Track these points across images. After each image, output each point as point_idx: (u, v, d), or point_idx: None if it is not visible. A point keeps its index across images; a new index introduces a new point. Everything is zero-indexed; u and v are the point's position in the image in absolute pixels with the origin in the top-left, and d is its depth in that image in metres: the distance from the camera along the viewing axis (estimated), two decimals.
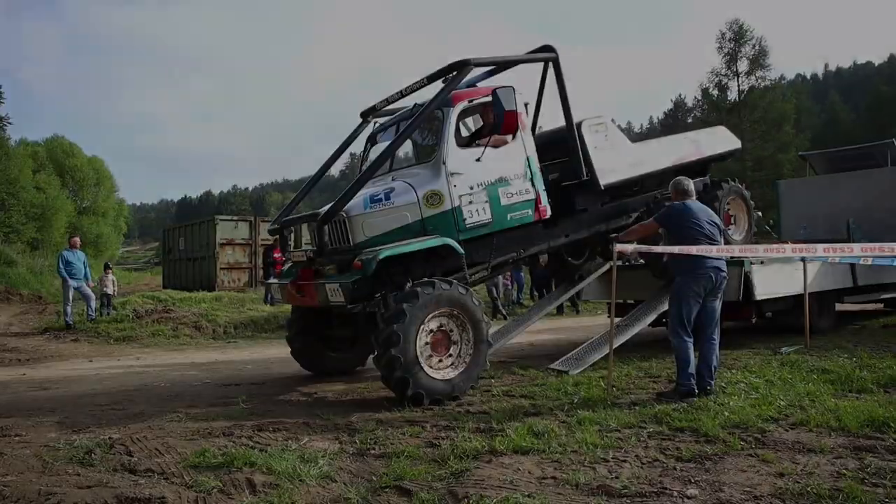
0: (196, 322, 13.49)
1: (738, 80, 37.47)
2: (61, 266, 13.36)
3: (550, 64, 7.33)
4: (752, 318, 8.89)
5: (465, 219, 6.46)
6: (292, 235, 7.38)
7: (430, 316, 5.80)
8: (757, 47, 37.30)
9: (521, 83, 6.98)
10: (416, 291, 5.73)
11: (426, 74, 6.84)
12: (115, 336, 12.53)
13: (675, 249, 5.84)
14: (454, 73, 6.55)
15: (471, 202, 6.49)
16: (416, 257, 6.29)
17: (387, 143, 7.01)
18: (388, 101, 7.36)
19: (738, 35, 37.44)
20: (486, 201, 6.58)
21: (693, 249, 5.71)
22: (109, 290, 14.70)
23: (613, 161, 7.67)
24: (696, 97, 42.73)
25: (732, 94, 37.76)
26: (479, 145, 6.63)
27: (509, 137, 6.78)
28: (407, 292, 5.77)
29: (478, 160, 6.49)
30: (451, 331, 6.02)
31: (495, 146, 6.64)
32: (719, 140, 9.16)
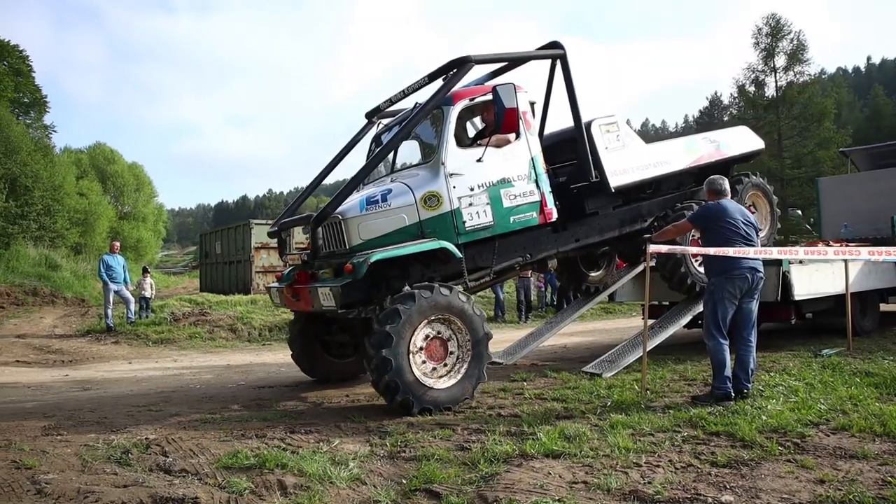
0: (232, 325, 13.72)
1: (775, 76, 36.62)
2: (102, 270, 13.72)
3: (558, 61, 7.08)
4: (791, 318, 8.68)
5: (464, 221, 6.22)
6: (290, 238, 7.17)
7: (425, 321, 5.61)
8: (795, 42, 36.41)
9: (531, 83, 6.90)
10: (413, 294, 5.57)
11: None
12: (154, 338, 12.81)
13: (711, 251, 5.71)
14: (454, 70, 6.36)
15: (471, 204, 6.25)
16: (416, 261, 6.16)
17: (404, 144, 6.91)
18: (392, 102, 7.17)
19: (776, 30, 36.59)
20: (488, 203, 6.34)
21: (730, 251, 5.58)
22: (147, 294, 15.02)
23: (625, 162, 7.41)
24: (731, 94, 41.93)
25: (770, 91, 36.92)
26: (480, 145, 6.41)
27: (512, 137, 6.52)
28: (403, 294, 5.60)
29: (479, 160, 6.27)
30: (449, 339, 5.82)
31: (498, 146, 6.42)
32: (741, 140, 8.80)
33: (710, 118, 63.79)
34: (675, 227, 6.36)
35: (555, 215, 6.81)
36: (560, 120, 7.71)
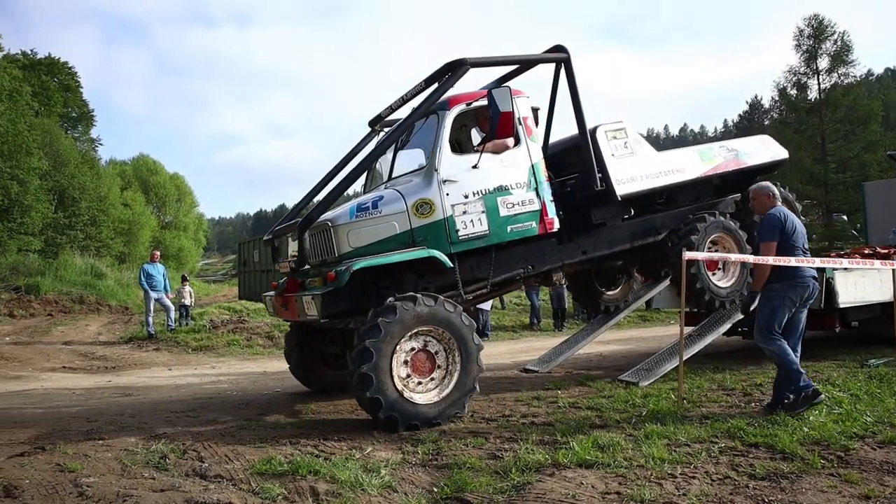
0: (269, 332, 13.92)
1: (818, 78, 35.70)
2: (143, 279, 14.09)
3: (562, 66, 6.82)
4: (835, 327, 8.42)
5: (457, 230, 5.97)
6: (283, 246, 7.02)
7: (409, 334, 5.38)
8: (839, 43, 35.47)
9: (543, 88, 6.76)
10: (395, 306, 5.32)
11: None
12: (193, 346, 13.07)
13: (751, 259, 5.56)
14: (449, 74, 6.14)
15: (465, 212, 6.01)
16: (409, 271, 6.02)
17: (395, 152, 6.76)
18: (392, 109, 7.00)
19: (818, 31, 35.72)
20: (483, 211, 6.08)
21: (770, 260, 5.43)
22: (187, 301, 15.35)
23: (633, 170, 7.06)
24: (772, 97, 41.03)
25: (812, 93, 36.02)
26: (476, 151, 6.17)
27: (511, 143, 6.28)
28: (385, 307, 5.36)
29: (474, 167, 6.04)
30: (437, 352, 5.58)
31: (496, 152, 6.20)
32: (762, 149, 8.29)
33: (751, 122, 62.54)
34: (759, 259, 5.61)
35: (556, 225, 6.52)
36: (572, 127, 7.50)
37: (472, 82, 7.48)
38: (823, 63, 35.67)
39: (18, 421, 6.19)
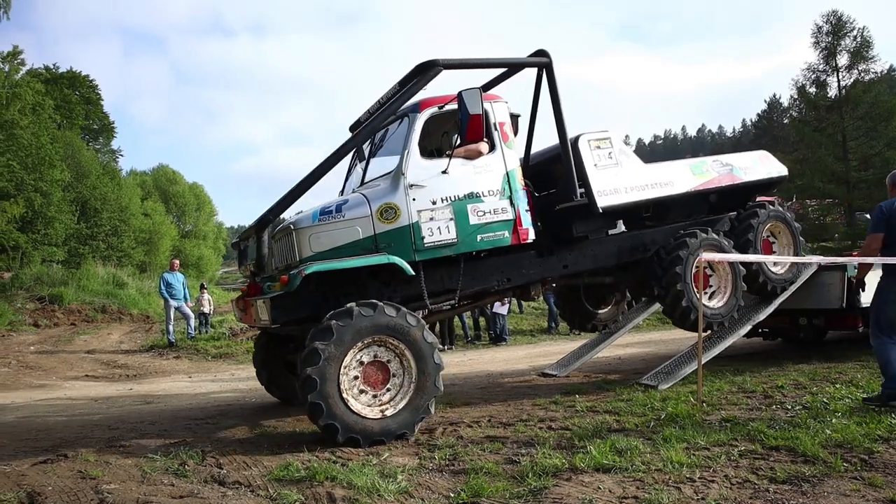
0: None
1: (838, 76, 35.22)
2: (162, 287, 14.25)
3: (544, 71, 6.59)
4: (858, 327, 8.29)
5: (423, 237, 5.69)
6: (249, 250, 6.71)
7: (364, 342, 5.15)
8: (859, 39, 34.98)
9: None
10: (352, 310, 5.11)
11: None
12: (213, 353, 13.19)
13: (790, 259, 5.49)
14: (419, 76, 5.95)
15: (431, 218, 5.73)
16: (373, 279, 5.84)
17: (379, 157, 6.51)
18: (371, 113, 6.73)
19: (837, 27, 35.27)
20: (451, 218, 5.79)
21: (816, 258, 5.39)
22: (206, 309, 15.49)
23: (617, 182, 6.72)
24: (791, 96, 40.54)
25: (832, 91, 35.55)
26: (448, 156, 5.87)
27: (485, 148, 6.03)
28: (341, 310, 5.16)
29: (444, 172, 5.79)
30: (392, 366, 5.33)
31: (469, 157, 5.94)
32: (759, 166, 7.85)
33: (770, 121, 61.88)
34: (865, 248, 5.78)
35: (531, 236, 6.19)
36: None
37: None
38: (843, 60, 35.18)
39: (42, 429, 6.29)
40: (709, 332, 7.27)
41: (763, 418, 5.25)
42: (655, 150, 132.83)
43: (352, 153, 6.85)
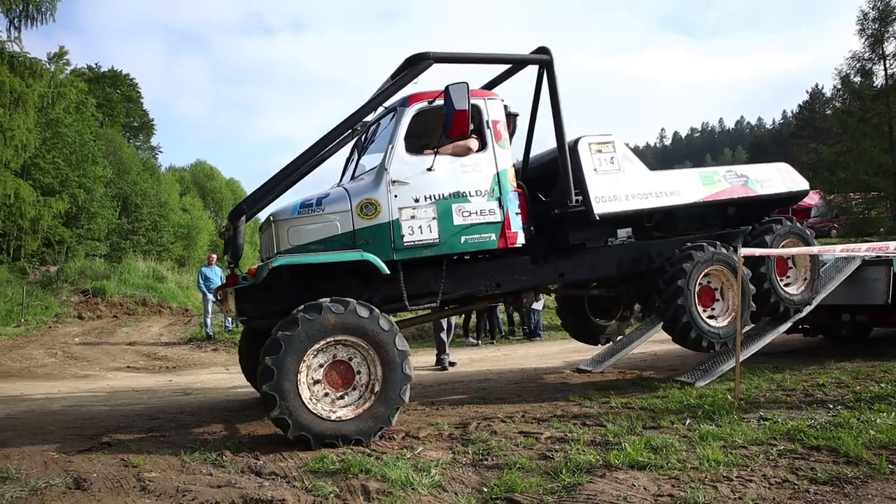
0: None
1: (884, 64, 34.04)
2: (200, 281, 14.55)
3: (544, 69, 6.29)
4: None
5: (402, 235, 5.49)
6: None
7: (318, 346, 4.96)
8: None
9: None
10: (297, 318, 4.92)
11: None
12: None
13: (815, 250, 5.32)
14: (409, 68, 5.80)
15: (413, 217, 5.53)
16: (353, 277, 5.68)
17: (370, 152, 6.32)
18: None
19: (884, 13, 34.10)
20: (434, 218, 5.58)
21: (863, 248, 5.20)
22: None
23: (618, 188, 6.40)
24: (834, 86, 39.38)
25: (878, 80, 34.41)
26: (437, 152, 5.66)
27: (475, 145, 5.82)
28: (310, 304, 5.02)
29: (429, 169, 5.59)
30: (354, 363, 5.13)
31: (457, 155, 5.75)
32: (778, 178, 7.41)
33: (811, 112, 60.22)
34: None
35: (520, 240, 5.93)
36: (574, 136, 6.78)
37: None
38: (890, 47, 33.97)
39: (87, 417, 6.48)
40: (715, 346, 6.78)
41: (803, 417, 5.15)
42: (692, 143, 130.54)
43: (352, 146, 6.77)
